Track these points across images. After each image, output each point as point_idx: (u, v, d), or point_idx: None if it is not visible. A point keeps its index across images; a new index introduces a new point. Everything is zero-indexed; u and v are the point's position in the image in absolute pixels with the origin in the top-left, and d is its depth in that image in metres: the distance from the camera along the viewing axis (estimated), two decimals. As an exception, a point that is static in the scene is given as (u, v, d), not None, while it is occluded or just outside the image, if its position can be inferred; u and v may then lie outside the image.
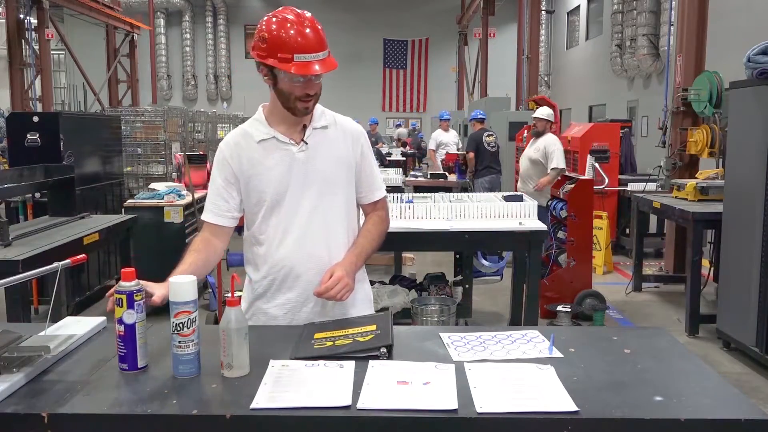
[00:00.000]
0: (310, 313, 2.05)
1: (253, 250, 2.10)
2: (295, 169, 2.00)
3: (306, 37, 1.86)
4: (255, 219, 2.06)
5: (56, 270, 1.77)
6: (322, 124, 2.04)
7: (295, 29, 1.86)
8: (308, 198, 2.01)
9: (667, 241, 7.06)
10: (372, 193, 2.15)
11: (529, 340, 1.83)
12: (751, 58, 4.30)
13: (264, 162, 2.00)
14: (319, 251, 2.03)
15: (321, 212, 2.03)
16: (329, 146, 2.04)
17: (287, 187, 2.00)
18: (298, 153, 2.00)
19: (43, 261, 3.10)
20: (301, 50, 1.85)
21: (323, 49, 1.89)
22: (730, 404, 1.45)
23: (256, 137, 2.02)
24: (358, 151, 2.09)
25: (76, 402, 1.43)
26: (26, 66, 12.95)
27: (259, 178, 2.00)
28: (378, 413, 1.38)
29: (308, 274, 2.02)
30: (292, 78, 1.89)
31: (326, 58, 1.90)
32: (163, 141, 7.96)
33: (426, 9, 24.10)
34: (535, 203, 4.33)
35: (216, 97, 25.07)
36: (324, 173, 2.02)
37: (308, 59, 1.85)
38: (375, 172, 2.15)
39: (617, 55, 15.55)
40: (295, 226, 2.01)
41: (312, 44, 1.86)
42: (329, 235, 2.04)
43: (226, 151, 2.05)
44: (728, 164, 4.74)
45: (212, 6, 24.63)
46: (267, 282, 2.07)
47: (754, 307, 4.22)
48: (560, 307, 5.04)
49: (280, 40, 1.86)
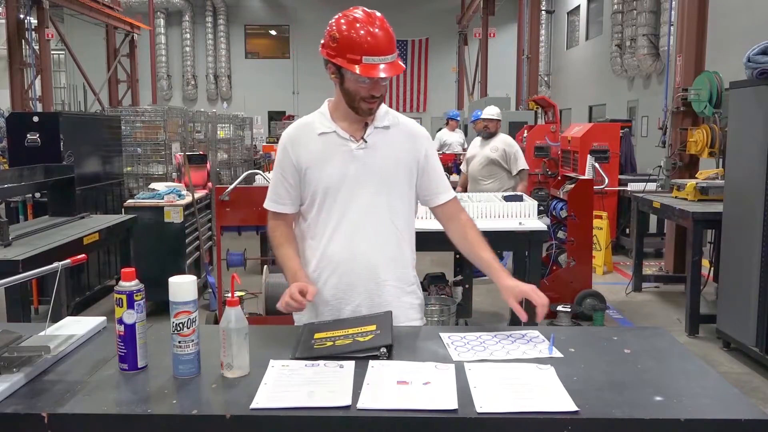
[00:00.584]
0: (353, 311, 2.05)
1: (305, 244, 2.11)
2: (351, 165, 2.01)
3: (376, 38, 1.88)
4: (309, 212, 2.08)
5: (56, 270, 1.77)
6: (384, 124, 2.06)
7: (365, 30, 1.89)
8: (362, 195, 2.02)
9: (667, 241, 7.06)
10: (438, 195, 2.13)
11: (529, 340, 1.83)
12: (751, 58, 4.30)
13: (322, 155, 2.02)
14: (369, 249, 2.04)
15: (375, 210, 2.04)
16: (389, 146, 2.05)
17: (342, 182, 2.01)
18: (356, 150, 2.02)
19: (43, 261, 3.10)
20: (370, 52, 1.87)
21: (392, 52, 1.90)
22: (730, 404, 1.45)
23: (317, 130, 2.04)
24: (422, 153, 2.10)
25: (76, 402, 1.43)
26: (26, 66, 12.94)
27: (316, 170, 2.02)
28: (378, 413, 1.38)
29: (356, 270, 2.04)
30: (358, 79, 1.92)
31: (394, 61, 1.91)
32: (163, 141, 7.96)
33: (426, 9, 24.09)
34: (535, 203, 4.33)
35: (216, 97, 25.06)
36: (381, 172, 2.03)
37: (375, 62, 1.88)
38: (439, 174, 2.14)
39: (617, 55, 15.55)
40: (347, 222, 2.03)
41: (381, 47, 1.88)
42: (380, 234, 2.05)
43: (286, 141, 2.09)
44: (728, 164, 4.74)
45: (212, 6, 24.62)
46: (315, 276, 2.08)
47: (754, 307, 4.22)
48: (560, 307, 5.04)
49: (351, 40, 1.88)
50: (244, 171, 9.50)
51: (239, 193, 4.47)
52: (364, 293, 2.05)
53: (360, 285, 2.03)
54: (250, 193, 4.61)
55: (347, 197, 2.02)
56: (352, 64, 1.88)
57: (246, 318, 1.61)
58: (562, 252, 5.68)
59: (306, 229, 2.10)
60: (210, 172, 7.21)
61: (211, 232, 5.98)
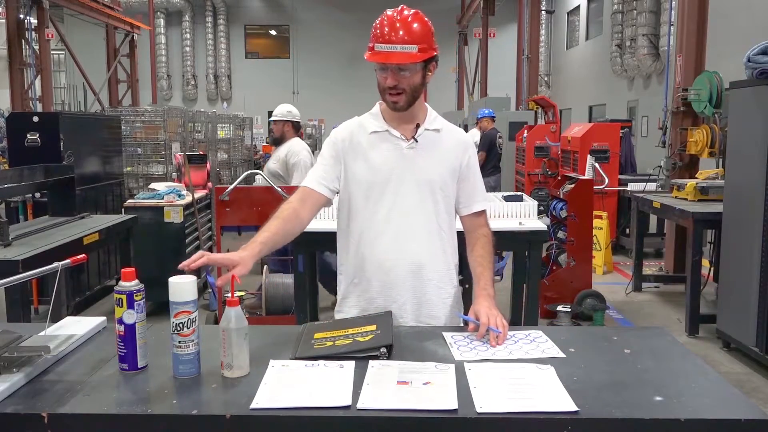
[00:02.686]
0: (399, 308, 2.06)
1: (349, 240, 2.12)
2: (401, 163, 2.03)
3: (391, 27, 1.93)
4: (356, 208, 2.08)
5: (56, 270, 1.77)
6: (435, 127, 2.09)
7: (386, 20, 1.95)
8: (410, 193, 2.04)
9: (667, 241, 7.06)
10: (471, 205, 2.14)
11: (532, 340, 1.83)
12: (751, 58, 4.30)
13: (372, 150, 2.05)
14: (416, 247, 2.06)
15: (421, 209, 2.05)
16: (438, 149, 2.07)
17: (389, 178, 2.03)
18: (406, 149, 2.04)
19: (43, 261, 3.10)
20: (381, 40, 1.93)
21: (406, 43, 1.92)
22: (730, 404, 1.45)
23: (369, 128, 2.07)
24: (465, 161, 2.11)
25: (76, 402, 1.43)
26: (26, 66, 12.95)
27: (364, 165, 2.04)
28: (378, 413, 1.38)
29: (403, 268, 2.05)
30: (373, 67, 1.97)
31: (406, 52, 1.92)
32: (163, 141, 7.95)
33: (426, 9, 23.47)
34: (535, 203, 4.33)
35: (216, 97, 25.07)
36: (428, 173, 2.05)
37: (383, 49, 1.92)
38: (477, 184, 2.16)
39: (617, 55, 15.55)
40: (395, 219, 2.04)
41: (392, 35, 1.92)
42: (426, 233, 2.07)
43: (338, 135, 2.11)
44: (728, 164, 4.74)
45: (212, 6, 24.62)
46: (361, 273, 2.10)
47: (754, 307, 4.22)
48: (560, 307, 5.04)
49: (373, 29, 1.96)
50: (244, 171, 9.50)
51: (239, 193, 4.47)
52: (410, 290, 2.07)
53: (407, 282, 2.06)
54: (250, 193, 4.61)
55: (394, 194, 2.03)
56: (369, 51, 1.95)
57: (246, 318, 1.61)
58: (562, 252, 5.68)
59: (352, 226, 2.10)
60: (210, 172, 7.20)
61: (211, 232, 5.98)
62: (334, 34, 24.54)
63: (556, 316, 5.05)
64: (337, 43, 24.53)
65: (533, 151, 8.55)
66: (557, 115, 8.92)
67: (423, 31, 1.96)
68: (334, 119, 20.22)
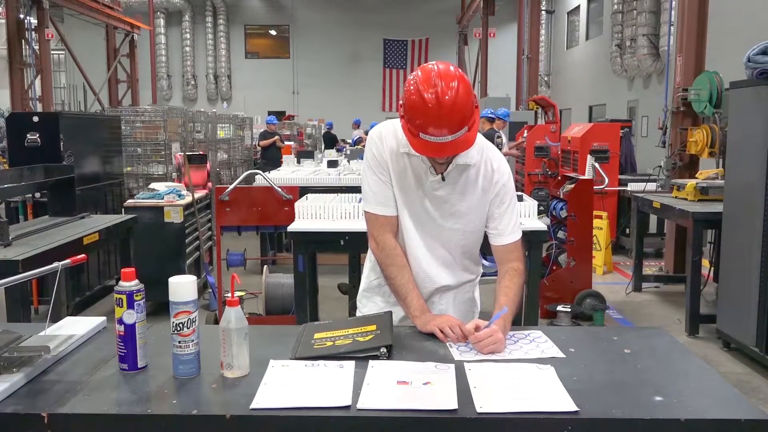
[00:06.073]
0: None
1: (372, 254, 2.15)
2: (426, 199, 2.01)
3: (437, 116, 1.74)
4: None
5: (56, 270, 1.77)
6: (465, 162, 1.96)
7: (430, 109, 1.73)
8: (429, 223, 2.03)
9: (667, 241, 7.06)
10: (500, 237, 2.06)
11: (532, 340, 1.83)
12: (751, 58, 4.30)
13: (401, 173, 2.00)
14: (439, 273, 2.08)
15: (446, 240, 2.06)
16: (466, 184, 2.00)
17: (413, 210, 2.02)
18: (433, 182, 1.98)
19: (43, 261, 3.10)
20: (428, 131, 1.77)
21: (454, 130, 1.76)
22: (730, 404, 1.45)
23: (403, 147, 1.95)
24: (495, 193, 2.03)
25: (76, 402, 1.43)
26: (26, 66, 12.95)
27: (396, 186, 2.02)
28: (378, 413, 1.38)
29: (427, 290, 2.09)
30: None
31: (457, 138, 1.78)
32: (163, 141, 7.96)
33: (426, 9, 24.09)
34: (535, 203, 4.32)
35: (216, 97, 25.07)
36: (454, 208, 2.01)
37: (432, 140, 1.77)
38: (507, 215, 2.05)
39: (617, 55, 15.55)
40: (418, 246, 2.05)
41: (441, 125, 1.75)
42: (451, 261, 2.10)
43: (374, 148, 2.01)
44: (728, 164, 4.74)
45: (212, 6, 24.62)
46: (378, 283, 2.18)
47: (754, 307, 4.22)
48: (560, 307, 5.04)
49: (413, 113, 1.78)
50: (244, 171, 9.50)
51: (239, 193, 4.47)
52: (430, 305, 2.08)
53: (434, 307, 2.08)
54: (250, 193, 4.61)
55: (417, 226, 2.04)
56: (412, 135, 1.81)
57: (246, 318, 1.61)
58: (562, 252, 5.68)
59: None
60: (210, 172, 7.20)
61: (211, 232, 5.98)
62: (334, 34, 24.55)
63: (556, 316, 5.05)
64: (337, 43, 24.54)
65: (533, 151, 8.54)
66: (557, 115, 8.92)
67: (468, 104, 1.77)
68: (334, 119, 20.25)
